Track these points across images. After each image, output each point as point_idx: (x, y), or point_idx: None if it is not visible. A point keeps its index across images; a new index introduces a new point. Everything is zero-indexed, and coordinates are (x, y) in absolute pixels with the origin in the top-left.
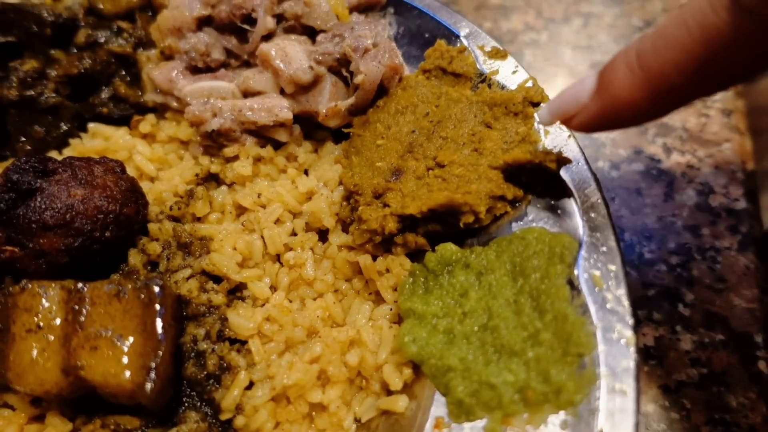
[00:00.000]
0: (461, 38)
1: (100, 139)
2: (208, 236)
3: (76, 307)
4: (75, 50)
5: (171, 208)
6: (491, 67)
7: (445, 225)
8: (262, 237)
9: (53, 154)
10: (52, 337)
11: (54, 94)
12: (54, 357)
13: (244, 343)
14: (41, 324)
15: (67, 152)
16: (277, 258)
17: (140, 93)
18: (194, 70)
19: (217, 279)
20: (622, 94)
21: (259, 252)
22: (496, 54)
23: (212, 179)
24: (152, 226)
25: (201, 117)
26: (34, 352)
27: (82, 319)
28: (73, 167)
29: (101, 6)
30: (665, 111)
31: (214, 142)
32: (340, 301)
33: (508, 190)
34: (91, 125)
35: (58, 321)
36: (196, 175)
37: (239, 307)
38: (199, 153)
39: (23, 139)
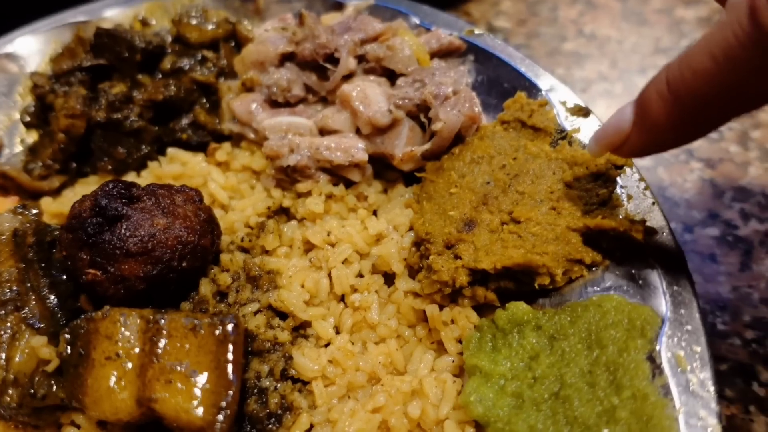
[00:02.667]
0: (542, 92)
1: (178, 164)
2: (276, 270)
3: (154, 337)
4: (160, 75)
5: (242, 239)
6: (573, 124)
7: (518, 283)
8: (329, 275)
9: (132, 174)
10: (130, 366)
11: (138, 119)
12: (130, 387)
13: (305, 383)
14: (120, 352)
15: (146, 174)
16: (341, 298)
17: (218, 121)
18: (273, 103)
19: (283, 315)
20: (659, 120)
21: (325, 291)
22: (579, 111)
23: (282, 212)
24: (224, 257)
25: (278, 152)
26: (112, 381)
27: (159, 350)
28: (156, 195)
29: (188, 35)
30: (701, 133)
31: (288, 176)
32: (401, 347)
33: (587, 254)
34: (170, 150)
35: (136, 350)
36: (268, 207)
37: (303, 346)
38: (272, 185)
39: (105, 158)
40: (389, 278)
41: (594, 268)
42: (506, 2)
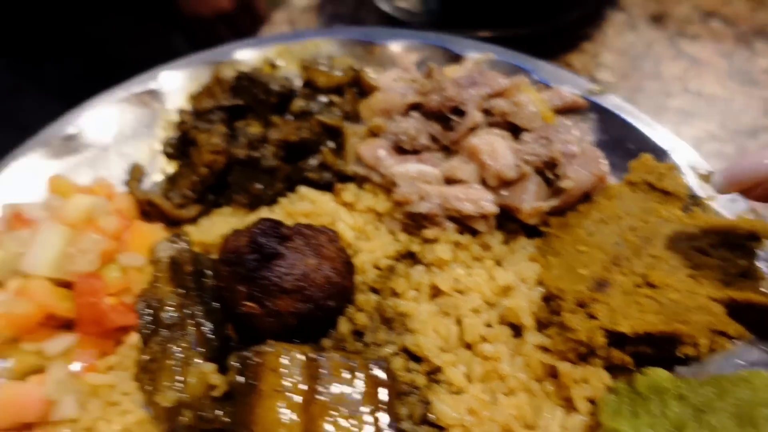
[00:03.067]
0: (669, 155)
1: (308, 202)
2: (406, 313)
3: (314, 374)
4: (290, 116)
5: (375, 281)
6: (704, 189)
7: (657, 349)
8: (458, 322)
9: (264, 209)
10: (296, 401)
11: (273, 157)
12: (297, 421)
13: (441, 429)
14: (287, 386)
15: (277, 209)
16: (467, 345)
17: (343, 162)
18: (399, 150)
19: (415, 357)
20: None
21: (455, 338)
22: (709, 178)
23: (409, 257)
24: (360, 298)
25: (409, 198)
26: (279, 413)
27: (320, 387)
28: (304, 235)
29: (317, 80)
30: None
31: (416, 222)
32: (530, 400)
33: (732, 327)
34: (301, 188)
35: (300, 386)
36: (397, 251)
37: (438, 392)
38: (397, 229)
39: (242, 192)
40: (515, 330)
41: (737, 341)
42: (608, 55)
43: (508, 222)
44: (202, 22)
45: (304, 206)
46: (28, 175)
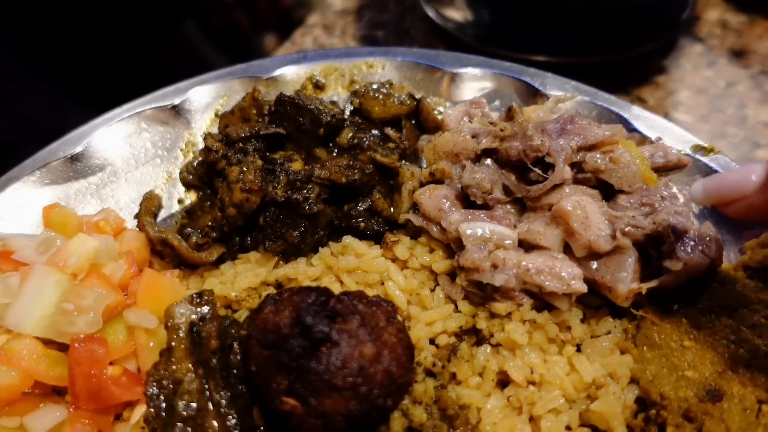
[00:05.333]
0: None
1: (353, 256)
2: (468, 404)
3: None
4: (335, 150)
5: (434, 365)
6: None
7: None
8: (530, 419)
9: (302, 262)
10: None
11: (317, 201)
12: None
13: None
14: None
15: (316, 262)
16: None
17: (393, 208)
18: (465, 201)
19: None
20: None
21: None
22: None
23: (471, 332)
24: (418, 388)
25: (480, 266)
26: None
27: None
28: (358, 313)
29: (371, 108)
30: None
31: (482, 291)
32: None
33: None
34: (347, 239)
35: None
36: (460, 327)
37: None
38: (459, 297)
39: (276, 240)
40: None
41: None
42: (684, 92)
43: (590, 296)
44: (220, 3)
45: (348, 261)
46: (21, 202)
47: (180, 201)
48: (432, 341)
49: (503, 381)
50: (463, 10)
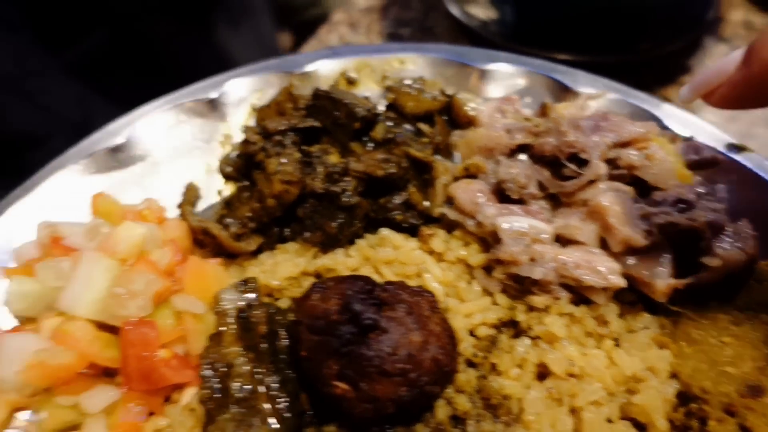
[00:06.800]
0: None
1: (390, 248)
2: (511, 396)
3: None
4: (370, 143)
5: (475, 355)
6: None
7: None
8: (572, 413)
9: (340, 252)
10: None
11: (354, 193)
12: None
13: None
14: None
15: (354, 253)
16: None
17: (428, 202)
18: (501, 196)
19: None
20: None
21: None
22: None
23: (509, 324)
24: (461, 378)
25: (518, 259)
26: None
27: None
28: (403, 302)
29: (405, 104)
30: None
31: (520, 284)
32: None
33: None
34: (383, 231)
35: None
36: (499, 319)
37: None
38: (496, 290)
39: (315, 230)
40: (640, 429)
41: None
42: None
43: (626, 292)
44: None
45: (386, 253)
46: (66, 190)
47: (218, 192)
48: (471, 332)
49: (542, 373)
50: (487, 8)
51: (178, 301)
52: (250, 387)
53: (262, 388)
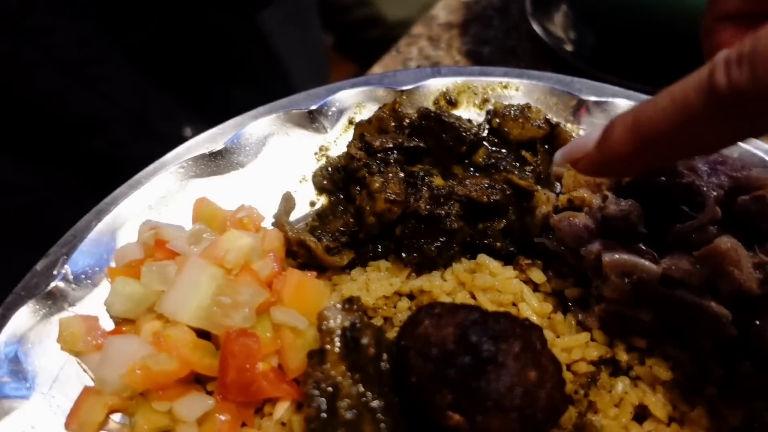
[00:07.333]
0: None
1: (488, 275)
2: None
3: None
4: (471, 168)
5: (576, 392)
6: None
7: None
8: None
9: (436, 275)
10: None
11: (457, 218)
12: None
13: None
14: None
15: (448, 277)
16: None
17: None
18: (605, 230)
19: None
20: (615, 146)
21: None
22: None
23: (609, 362)
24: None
25: (624, 298)
26: None
27: None
28: (518, 336)
29: (509, 130)
30: (647, 166)
31: (622, 323)
32: None
33: None
34: (482, 257)
35: None
36: (600, 357)
37: None
38: (595, 326)
39: (412, 251)
40: None
41: None
42: None
43: None
44: None
45: (483, 279)
46: (166, 192)
47: (311, 203)
48: (567, 367)
49: (639, 415)
50: (568, 30)
51: (278, 313)
52: (357, 410)
53: (365, 411)
